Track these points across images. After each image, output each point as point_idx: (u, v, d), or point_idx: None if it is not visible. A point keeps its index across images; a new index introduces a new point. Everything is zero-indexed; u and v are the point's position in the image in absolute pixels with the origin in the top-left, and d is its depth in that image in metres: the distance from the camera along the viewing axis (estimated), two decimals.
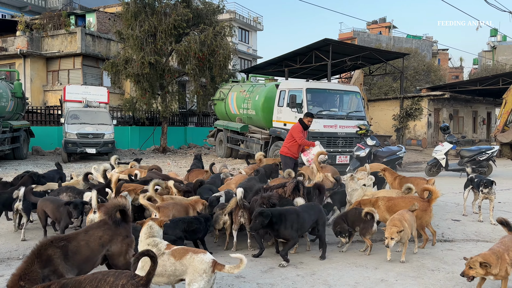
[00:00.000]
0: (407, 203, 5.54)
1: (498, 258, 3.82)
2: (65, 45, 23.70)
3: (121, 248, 3.73)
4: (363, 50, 22.39)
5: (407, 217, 5.03)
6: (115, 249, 3.70)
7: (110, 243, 3.68)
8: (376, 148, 12.38)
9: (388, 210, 5.62)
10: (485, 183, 7.14)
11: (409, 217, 5.08)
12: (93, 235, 3.65)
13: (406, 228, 4.85)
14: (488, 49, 56.87)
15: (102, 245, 3.64)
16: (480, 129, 32.01)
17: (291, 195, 5.95)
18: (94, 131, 16.14)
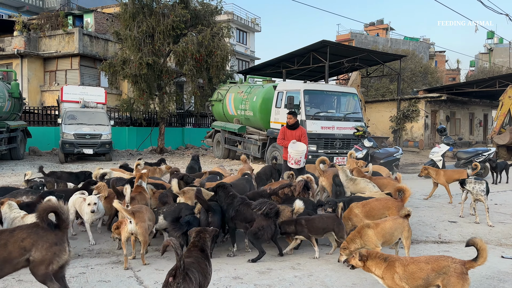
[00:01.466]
0: (383, 205, 5.51)
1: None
2: (62, 45, 23.65)
3: (44, 256, 3.39)
4: (360, 52, 22.45)
5: (385, 225, 4.65)
6: (37, 256, 3.38)
7: (33, 248, 3.37)
8: (373, 149, 12.40)
9: (367, 215, 5.42)
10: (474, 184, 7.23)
11: (391, 225, 4.69)
12: (15, 236, 3.39)
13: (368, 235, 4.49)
14: (485, 51, 57.17)
15: (24, 249, 3.36)
16: (477, 131, 32.14)
17: (301, 194, 5.99)
18: (92, 132, 16.10)
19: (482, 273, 4.73)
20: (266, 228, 4.99)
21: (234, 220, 5.25)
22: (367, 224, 4.67)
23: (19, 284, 4.24)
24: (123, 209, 4.74)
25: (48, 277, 3.34)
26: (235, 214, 5.22)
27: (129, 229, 4.67)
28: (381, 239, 4.57)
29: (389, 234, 4.64)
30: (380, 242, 4.55)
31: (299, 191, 6.06)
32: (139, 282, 4.35)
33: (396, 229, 4.70)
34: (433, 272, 3.54)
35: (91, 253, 5.31)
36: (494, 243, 6.00)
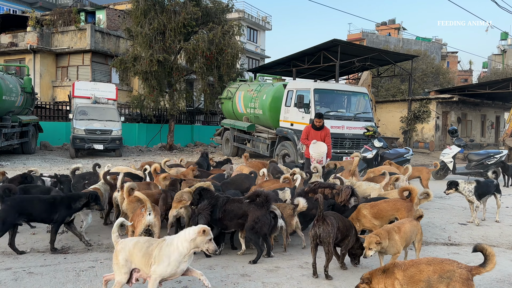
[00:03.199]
0: (392, 207, 5.41)
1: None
2: (74, 41, 23.86)
3: None
4: (371, 51, 22.29)
5: (406, 229, 4.52)
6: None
7: None
8: (383, 150, 12.32)
9: (376, 217, 5.36)
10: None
11: (410, 227, 4.57)
12: None
13: (395, 240, 4.36)
14: (498, 53, 56.39)
15: None
16: (489, 133, 31.74)
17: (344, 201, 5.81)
18: (102, 128, 16.22)
19: (492, 276, 4.67)
20: (262, 219, 4.85)
21: (224, 221, 5.05)
22: (391, 228, 4.44)
23: (30, 276, 4.29)
24: (149, 201, 4.70)
25: None
26: (223, 215, 5.03)
27: (147, 221, 4.66)
28: (404, 243, 4.45)
29: (409, 237, 4.53)
30: (402, 247, 4.43)
31: (345, 198, 5.80)
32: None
33: (413, 232, 4.59)
34: (435, 274, 3.35)
35: (100, 248, 5.36)
36: (505, 246, 5.93)
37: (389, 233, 4.36)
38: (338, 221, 4.52)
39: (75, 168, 7.33)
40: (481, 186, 7.17)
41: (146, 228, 4.69)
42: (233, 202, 5.12)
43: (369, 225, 5.39)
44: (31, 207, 5.04)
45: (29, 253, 5.06)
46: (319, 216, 4.40)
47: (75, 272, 4.45)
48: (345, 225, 4.68)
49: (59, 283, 4.16)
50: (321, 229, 4.40)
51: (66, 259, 4.88)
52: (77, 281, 4.24)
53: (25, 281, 4.19)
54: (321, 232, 4.40)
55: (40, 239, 5.66)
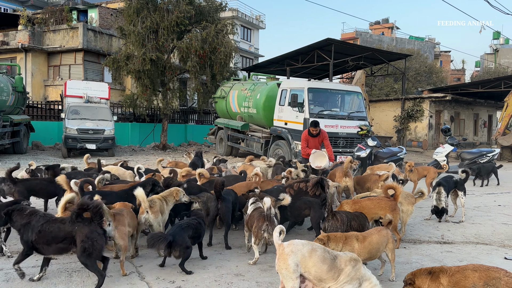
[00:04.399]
0: (375, 205, 5.35)
1: None
2: (66, 40, 23.67)
3: None
4: (365, 51, 22.35)
5: (372, 239, 4.18)
6: None
7: None
8: (377, 149, 12.35)
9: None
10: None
11: (377, 239, 4.22)
12: None
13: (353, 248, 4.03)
14: (491, 52, 56.85)
15: None
16: (481, 131, 31.99)
17: (312, 189, 5.96)
18: (95, 127, 16.12)
19: None
20: (93, 236, 3.90)
21: (38, 244, 3.97)
22: (356, 236, 4.21)
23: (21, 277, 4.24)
24: (106, 210, 4.29)
25: None
26: (37, 237, 3.95)
27: (107, 232, 4.25)
28: (366, 255, 4.13)
29: (375, 249, 4.20)
30: (363, 258, 4.05)
31: (311, 187, 5.99)
32: (141, 278, 4.34)
33: (381, 243, 4.27)
34: (480, 281, 3.19)
35: None
36: (497, 244, 5.96)
37: (347, 239, 4.10)
38: (351, 219, 4.71)
39: (61, 168, 7.24)
40: (445, 186, 7.10)
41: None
42: (53, 222, 4.02)
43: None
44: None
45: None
46: (329, 213, 4.66)
47: (67, 273, 4.41)
48: (360, 223, 4.77)
49: (51, 284, 4.12)
50: (330, 223, 4.61)
51: (58, 260, 4.82)
52: (69, 281, 4.20)
53: (16, 282, 4.14)
54: (328, 226, 4.60)
55: None
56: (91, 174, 7.38)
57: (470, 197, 10.09)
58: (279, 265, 3.39)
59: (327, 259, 3.37)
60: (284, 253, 3.38)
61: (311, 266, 3.34)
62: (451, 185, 7.30)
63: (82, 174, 7.06)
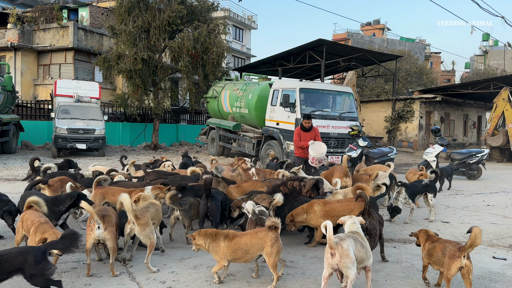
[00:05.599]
0: (345, 207, 5.29)
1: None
2: (57, 39, 23.45)
3: None
4: (356, 52, 22.47)
5: (241, 240, 4.08)
6: None
7: None
8: (367, 149, 12.40)
9: (326, 215, 5.19)
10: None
11: (247, 240, 4.09)
12: None
13: (219, 247, 4.03)
14: (480, 53, 57.47)
15: None
16: (471, 132, 32.34)
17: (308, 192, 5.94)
18: (85, 127, 16.00)
19: (474, 273, 4.72)
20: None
21: None
22: (226, 234, 4.15)
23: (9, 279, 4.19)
24: (93, 211, 4.21)
25: None
26: None
27: (96, 235, 4.21)
28: (230, 255, 4.05)
29: (242, 251, 4.04)
30: (228, 258, 4.05)
31: (308, 189, 5.96)
32: (131, 278, 4.31)
33: (253, 246, 4.04)
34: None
35: (83, 249, 5.25)
36: (486, 244, 6.02)
37: (216, 236, 4.09)
38: (377, 215, 4.93)
39: (46, 168, 7.15)
40: (408, 188, 7.14)
41: (96, 243, 4.28)
42: None
43: (314, 223, 5.33)
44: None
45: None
46: (365, 211, 4.68)
47: (57, 274, 4.36)
48: (380, 219, 5.00)
49: None
50: (367, 222, 4.64)
51: None
52: None
53: (4, 283, 4.08)
54: (367, 225, 4.64)
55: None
56: (76, 174, 7.33)
57: (460, 197, 10.20)
58: (344, 261, 3.67)
59: (361, 243, 3.90)
60: (344, 250, 3.70)
61: (358, 253, 3.80)
62: (419, 189, 7.27)
63: (67, 175, 6.99)
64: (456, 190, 11.21)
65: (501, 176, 15.14)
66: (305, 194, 5.96)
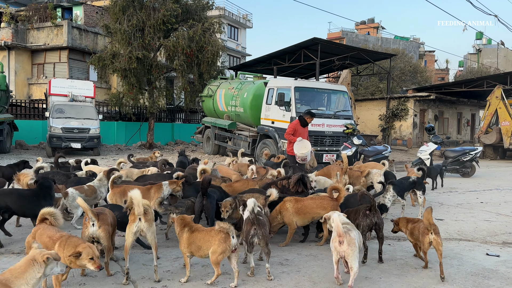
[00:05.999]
0: (317, 204, 5.35)
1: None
2: (51, 38, 23.33)
3: None
4: (351, 50, 22.52)
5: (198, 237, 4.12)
6: None
7: None
8: (362, 147, 12.46)
9: (298, 212, 5.29)
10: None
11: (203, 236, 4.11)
12: None
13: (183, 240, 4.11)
14: (474, 52, 57.74)
15: None
16: (465, 130, 32.53)
17: (294, 187, 5.98)
18: (80, 126, 15.94)
19: (467, 270, 4.79)
20: None
21: None
22: (191, 226, 4.21)
23: None
24: (88, 209, 4.16)
25: None
26: None
27: (91, 232, 4.16)
28: (188, 248, 4.16)
29: (196, 246, 4.12)
30: (186, 250, 4.17)
31: (293, 185, 6.04)
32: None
33: (205, 243, 4.09)
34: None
35: None
36: (480, 241, 6.08)
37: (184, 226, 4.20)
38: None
39: (39, 167, 7.10)
40: (396, 186, 7.14)
41: (90, 240, 4.18)
42: None
43: (287, 220, 5.35)
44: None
45: (3, 255, 4.93)
46: (372, 207, 4.80)
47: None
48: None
49: None
50: (376, 217, 4.82)
51: None
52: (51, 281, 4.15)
53: None
54: (376, 220, 4.83)
55: (15, 240, 5.52)
56: (69, 174, 7.29)
57: (454, 194, 10.28)
58: (351, 249, 3.88)
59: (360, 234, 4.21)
60: (352, 238, 3.91)
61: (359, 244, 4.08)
62: (406, 186, 7.29)
63: (60, 174, 6.97)
64: (450, 187, 11.29)
65: (494, 173, 15.25)
66: (292, 190, 6.00)
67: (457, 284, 4.36)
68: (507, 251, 5.53)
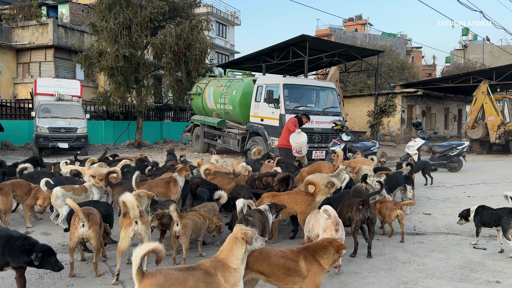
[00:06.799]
0: (292, 199, 5.38)
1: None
2: (36, 36, 22.99)
3: None
4: (339, 47, 22.59)
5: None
6: None
7: None
8: (351, 143, 12.54)
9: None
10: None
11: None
12: None
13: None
14: (460, 48, 58.35)
15: None
16: (452, 125, 32.92)
17: (277, 185, 6.03)
18: (67, 125, 15.77)
19: (454, 263, 4.85)
20: None
21: None
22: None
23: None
24: (80, 210, 4.16)
25: None
26: None
27: (81, 233, 4.18)
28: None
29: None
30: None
31: (277, 183, 6.12)
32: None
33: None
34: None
35: (65, 249, 5.19)
36: (467, 234, 6.16)
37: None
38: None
39: (22, 168, 7.02)
40: (391, 178, 7.19)
41: (80, 241, 4.25)
42: None
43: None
44: None
45: None
46: (365, 202, 4.96)
47: (38, 275, 4.31)
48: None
49: None
50: (368, 212, 4.96)
51: None
52: (40, 284, 4.11)
53: None
54: (369, 214, 4.97)
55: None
56: (54, 173, 7.22)
57: (441, 189, 10.39)
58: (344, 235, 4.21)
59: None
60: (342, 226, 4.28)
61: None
62: (400, 181, 7.39)
63: (45, 174, 6.90)
64: (438, 182, 11.40)
65: (481, 167, 15.46)
66: (275, 188, 6.08)
67: (445, 278, 4.41)
68: (493, 244, 5.61)
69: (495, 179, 12.25)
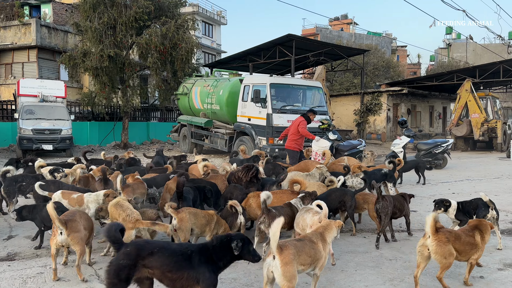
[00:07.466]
0: (278, 199, 5.39)
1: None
2: (18, 36, 22.60)
3: None
4: (325, 46, 22.72)
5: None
6: None
7: None
8: (337, 142, 12.60)
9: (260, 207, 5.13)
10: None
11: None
12: None
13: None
14: (444, 46, 59.13)
15: None
16: (436, 123, 33.33)
17: (241, 173, 6.23)
18: (51, 127, 15.55)
19: None
20: None
21: None
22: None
23: None
24: (56, 217, 4.07)
25: None
26: None
27: (60, 241, 4.15)
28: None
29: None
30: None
31: (241, 172, 6.36)
32: (101, 280, 4.22)
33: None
34: None
35: (49, 253, 5.11)
36: None
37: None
38: (395, 200, 5.68)
39: (5, 171, 6.85)
40: (369, 176, 7.20)
41: (60, 248, 4.22)
42: None
43: (253, 215, 5.43)
44: None
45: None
46: (379, 195, 5.44)
47: (22, 280, 4.23)
48: (401, 203, 5.78)
49: None
50: (380, 204, 5.38)
51: (10, 266, 4.62)
52: None
53: None
54: (380, 207, 5.37)
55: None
56: (38, 176, 7.09)
57: (426, 186, 10.51)
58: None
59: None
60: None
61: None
62: (378, 178, 7.48)
63: (29, 177, 6.78)
64: (430, 179, 11.53)
65: (465, 164, 15.70)
66: (243, 180, 6.26)
67: (430, 274, 4.46)
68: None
69: (479, 176, 12.46)
